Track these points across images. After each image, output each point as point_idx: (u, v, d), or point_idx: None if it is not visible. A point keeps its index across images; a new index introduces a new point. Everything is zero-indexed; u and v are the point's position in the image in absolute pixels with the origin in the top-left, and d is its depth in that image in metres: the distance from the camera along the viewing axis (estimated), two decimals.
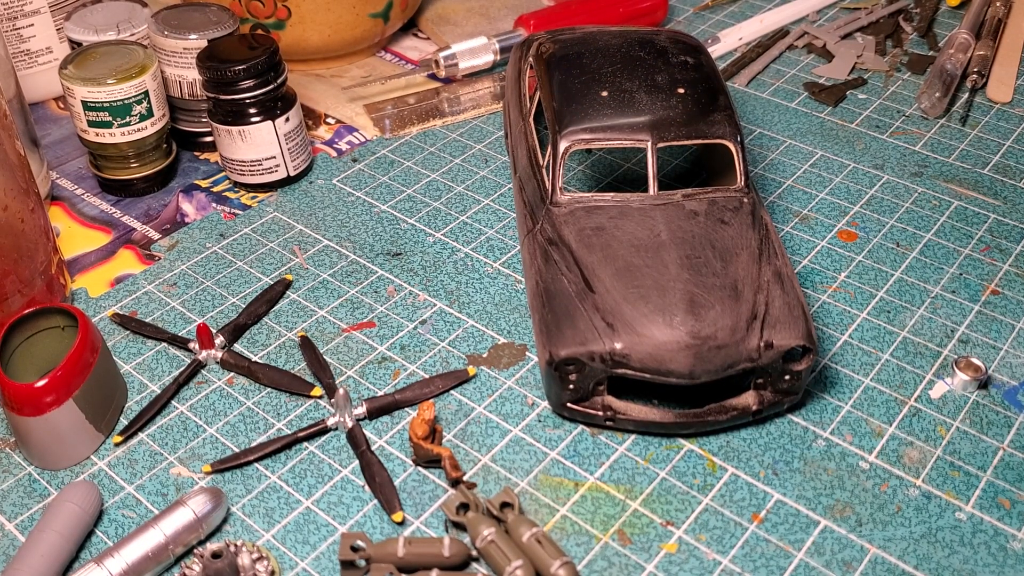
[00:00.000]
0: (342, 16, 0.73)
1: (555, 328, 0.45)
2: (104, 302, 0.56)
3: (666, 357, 0.44)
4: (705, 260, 0.46)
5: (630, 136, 0.50)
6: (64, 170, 0.67)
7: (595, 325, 0.45)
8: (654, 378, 0.44)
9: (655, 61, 0.53)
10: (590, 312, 0.45)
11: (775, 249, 0.48)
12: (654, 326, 0.44)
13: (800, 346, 0.45)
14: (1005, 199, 0.61)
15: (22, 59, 0.71)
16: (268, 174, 0.63)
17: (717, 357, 0.44)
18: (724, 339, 0.44)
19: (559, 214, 0.50)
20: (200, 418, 0.48)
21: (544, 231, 0.50)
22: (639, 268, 0.46)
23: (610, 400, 0.46)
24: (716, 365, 0.44)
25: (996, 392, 0.49)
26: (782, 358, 0.45)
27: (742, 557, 0.42)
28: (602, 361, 0.45)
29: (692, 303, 0.45)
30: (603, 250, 0.47)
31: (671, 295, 0.45)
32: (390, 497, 0.44)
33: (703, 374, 0.44)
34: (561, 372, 0.45)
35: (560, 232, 0.49)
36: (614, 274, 0.46)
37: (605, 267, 0.47)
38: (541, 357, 0.46)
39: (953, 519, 0.43)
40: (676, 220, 0.48)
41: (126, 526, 0.44)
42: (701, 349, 0.44)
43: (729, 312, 0.45)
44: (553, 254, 0.49)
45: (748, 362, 0.44)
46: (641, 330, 0.44)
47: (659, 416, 0.46)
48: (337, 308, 0.55)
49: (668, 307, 0.45)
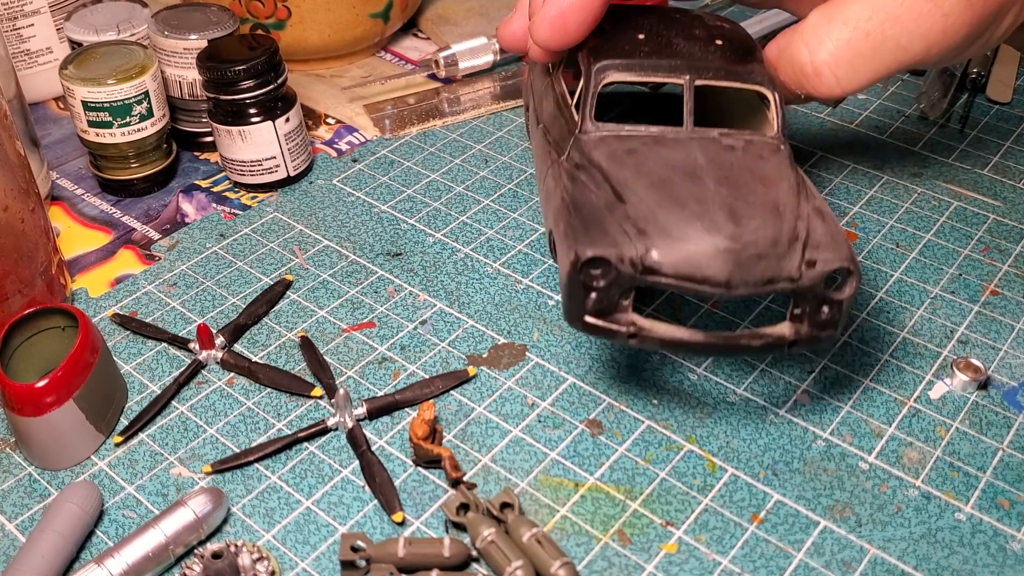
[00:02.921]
0: (342, 16, 0.73)
1: (582, 231, 0.42)
2: (104, 302, 0.56)
3: (703, 262, 0.41)
4: (744, 182, 0.44)
5: (667, 72, 0.47)
6: (64, 170, 0.67)
7: (626, 230, 0.42)
8: (688, 287, 0.41)
9: (691, 20, 0.51)
10: (621, 220, 0.42)
11: (813, 192, 0.46)
12: (691, 229, 0.41)
13: (843, 268, 0.42)
14: (1004, 199, 0.61)
15: (22, 59, 0.71)
16: (268, 174, 0.63)
17: (757, 267, 0.41)
18: (764, 249, 0.41)
19: (589, 140, 0.47)
20: (200, 418, 0.49)
21: (571, 159, 0.47)
22: (675, 182, 0.43)
23: (634, 317, 0.43)
24: (755, 276, 0.41)
25: (996, 393, 0.49)
26: (824, 283, 0.42)
27: (742, 557, 0.42)
28: (632, 266, 0.41)
29: (732, 212, 0.42)
30: (636, 167, 0.44)
31: (710, 204, 0.42)
32: (390, 497, 0.44)
33: (741, 284, 0.41)
34: (585, 277, 0.41)
35: (590, 156, 0.46)
36: (647, 186, 0.43)
37: (638, 181, 0.44)
38: (564, 263, 0.42)
39: (953, 519, 0.43)
40: (713, 150, 0.46)
41: (126, 526, 0.44)
42: (740, 255, 0.41)
43: (771, 225, 0.42)
44: (581, 176, 0.45)
45: (788, 282, 0.41)
46: (676, 233, 0.41)
47: (688, 336, 0.43)
48: (337, 308, 0.55)
49: (706, 213, 0.42)
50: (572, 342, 0.52)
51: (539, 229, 0.60)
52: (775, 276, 0.41)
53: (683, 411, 0.48)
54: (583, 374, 0.50)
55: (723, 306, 0.54)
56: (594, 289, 0.42)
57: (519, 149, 0.67)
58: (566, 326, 0.53)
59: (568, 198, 0.45)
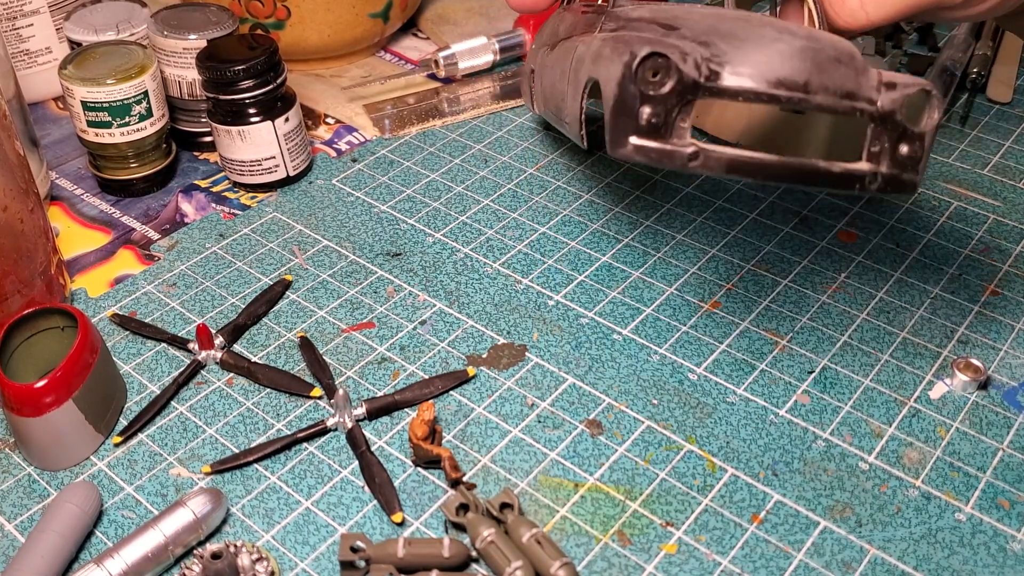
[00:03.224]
0: (342, 16, 0.73)
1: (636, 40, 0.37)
2: (104, 302, 0.55)
3: (777, 61, 0.37)
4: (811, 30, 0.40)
5: None
6: (64, 170, 0.67)
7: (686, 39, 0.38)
8: (761, 91, 0.37)
9: None
10: (677, 39, 0.38)
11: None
12: (762, 31, 0.37)
13: (925, 90, 0.39)
14: (1004, 199, 0.61)
15: (21, 59, 0.71)
16: (268, 174, 0.62)
17: (836, 72, 0.37)
18: (843, 55, 0.38)
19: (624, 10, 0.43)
20: (200, 419, 0.48)
21: (605, 27, 0.44)
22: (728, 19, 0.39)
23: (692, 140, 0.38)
24: (835, 83, 0.37)
25: (996, 393, 0.49)
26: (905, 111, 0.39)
27: (742, 558, 0.42)
28: (696, 68, 0.36)
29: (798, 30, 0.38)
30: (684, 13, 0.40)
31: (775, 24, 0.39)
32: (390, 498, 0.44)
33: (820, 90, 0.37)
34: (641, 83, 0.36)
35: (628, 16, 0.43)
36: (700, 19, 0.39)
37: (689, 15, 0.40)
38: (611, 75, 0.37)
39: (953, 520, 0.43)
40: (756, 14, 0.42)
41: (126, 527, 0.44)
42: (818, 56, 0.37)
43: (843, 42, 0.39)
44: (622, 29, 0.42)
45: (867, 103, 0.38)
46: (744, 36, 0.37)
47: (759, 156, 0.38)
48: (337, 308, 0.55)
49: (773, 24, 0.38)
50: (572, 342, 0.52)
51: (539, 229, 0.60)
52: (855, 91, 0.38)
53: (683, 411, 0.48)
54: (583, 374, 0.50)
55: (723, 306, 0.54)
56: (649, 100, 0.37)
57: (519, 149, 0.67)
58: (566, 326, 0.53)
59: (610, 37, 0.40)
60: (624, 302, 0.54)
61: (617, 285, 0.55)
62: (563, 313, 0.54)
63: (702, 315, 0.53)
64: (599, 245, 0.58)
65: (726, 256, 0.57)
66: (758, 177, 0.38)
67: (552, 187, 0.63)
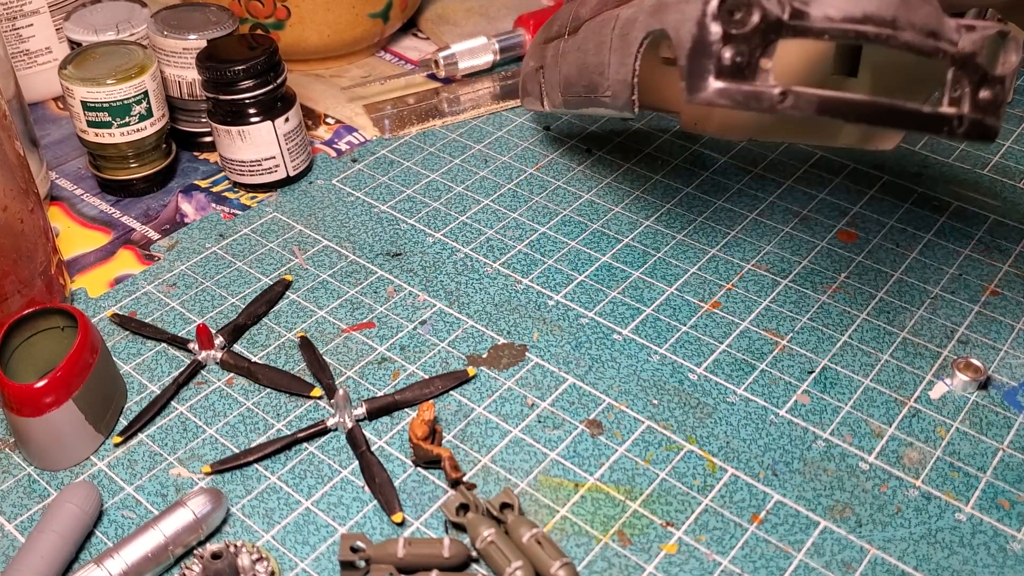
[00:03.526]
0: (341, 16, 0.73)
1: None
2: (103, 302, 0.55)
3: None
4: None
5: None
6: (63, 170, 0.67)
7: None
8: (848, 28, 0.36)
9: None
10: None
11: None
12: None
13: (1004, 32, 0.38)
14: (1004, 199, 0.61)
15: (21, 59, 0.71)
16: (268, 174, 0.62)
17: (921, 10, 0.36)
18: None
19: None
20: (200, 419, 0.48)
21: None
22: None
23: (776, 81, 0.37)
24: (920, 19, 0.36)
25: (996, 393, 0.49)
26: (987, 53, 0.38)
27: (742, 558, 0.42)
28: (779, 4, 0.35)
29: None
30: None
31: None
32: (390, 498, 0.44)
33: (908, 26, 0.36)
34: (723, 22, 0.35)
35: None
36: None
37: None
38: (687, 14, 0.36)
39: (953, 520, 0.43)
40: None
41: (126, 527, 0.44)
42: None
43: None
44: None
45: (949, 43, 0.37)
46: None
47: (848, 95, 0.37)
48: (337, 308, 0.55)
49: None
50: (572, 342, 0.52)
51: (539, 229, 0.60)
52: (939, 29, 0.37)
53: (683, 411, 0.48)
54: (583, 374, 0.50)
55: (723, 306, 0.54)
56: (732, 39, 0.35)
57: (519, 149, 0.67)
58: (566, 326, 0.53)
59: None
60: (624, 302, 0.54)
61: (617, 285, 0.55)
62: (563, 313, 0.54)
63: (702, 315, 0.53)
64: (599, 245, 0.58)
65: (726, 256, 0.57)
66: (849, 117, 0.37)
67: (552, 187, 0.63)
